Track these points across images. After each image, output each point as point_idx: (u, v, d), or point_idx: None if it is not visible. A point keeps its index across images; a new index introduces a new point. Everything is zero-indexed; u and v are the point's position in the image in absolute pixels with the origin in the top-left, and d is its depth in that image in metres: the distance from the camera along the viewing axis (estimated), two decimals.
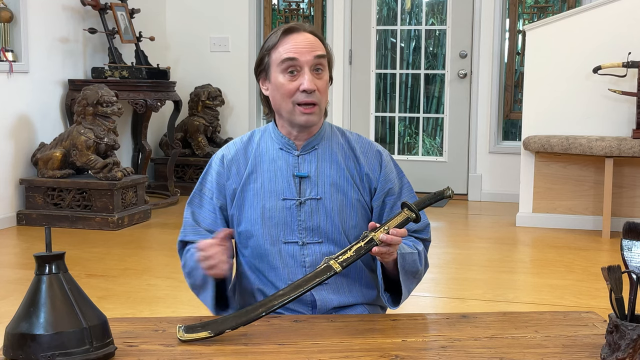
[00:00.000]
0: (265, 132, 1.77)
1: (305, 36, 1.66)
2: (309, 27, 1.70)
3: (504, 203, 5.79)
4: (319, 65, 1.66)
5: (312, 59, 1.64)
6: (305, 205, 1.69)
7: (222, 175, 1.74)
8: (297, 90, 1.64)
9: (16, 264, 3.96)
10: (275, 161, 1.72)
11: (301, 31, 1.67)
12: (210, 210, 1.74)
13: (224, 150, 1.78)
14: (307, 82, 1.63)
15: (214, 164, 1.77)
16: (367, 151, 1.76)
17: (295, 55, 1.63)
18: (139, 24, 5.80)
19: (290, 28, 1.67)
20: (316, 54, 1.65)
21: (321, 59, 1.66)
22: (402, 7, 6.28)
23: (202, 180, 1.78)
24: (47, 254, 1.29)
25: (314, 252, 1.69)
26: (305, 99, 1.64)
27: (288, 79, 1.64)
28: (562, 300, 3.24)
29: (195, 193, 1.77)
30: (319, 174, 1.71)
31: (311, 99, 1.64)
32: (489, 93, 5.96)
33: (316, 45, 1.66)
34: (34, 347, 1.22)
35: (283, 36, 1.66)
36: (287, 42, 1.65)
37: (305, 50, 1.64)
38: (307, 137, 1.72)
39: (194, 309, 3.02)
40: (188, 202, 1.78)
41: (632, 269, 1.33)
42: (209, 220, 1.74)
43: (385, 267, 1.64)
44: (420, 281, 1.74)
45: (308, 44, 1.65)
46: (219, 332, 1.40)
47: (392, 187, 1.75)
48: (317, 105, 1.66)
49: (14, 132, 4.81)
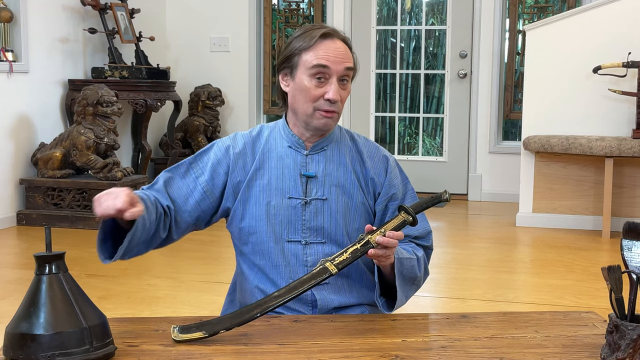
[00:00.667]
0: (275, 128, 1.76)
1: (340, 45, 1.67)
2: (342, 34, 1.71)
3: (504, 203, 5.79)
4: (346, 76, 1.67)
5: (342, 69, 1.65)
6: (311, 205, 1.69)
7: (222, 164, 1.71)
8: (321, 97, 1.64)
9: (16, 264, 3.96)
10: (283, 159, 1.71)
11: (336, 38, 1.67)
12: (189, 186, 1.70)
13: (230, 141, 1.74)
14: (332, 92, 1.64)
15: (216, 149, 1.73)
16: (374, 155, 1.76)
17: (328, 63, 1.64)
18: (139, 24, 5.80)
19: (327, 33, 1.67)
20: (346, 66, 1.66)
21: (349, 71, 1.67)
22: (402, 7, 6.28)
23: (197, 156, 1.74)
24: (47, 254, 1.29)
25: (316, 252, 1.69)
26: (327, 107, 1.65)
27: (315, 84, 1.64)
28: (562, 300, 3.24)
29: (184, 163, 1.73)
30: (326, 174, 1.71)
31: (333, 108, 1.65)
32: (489, 93, 5.96)
33: (347, 56, 1.67)
34: (34, 347, 1.22)
35: (319, 40, 1.65)
36: (321, 48, 1.65)
37: (337, 60, 1.65)
38: (318, 138, 1.72)
39: (194, 309, 3.02)
40: (172, 167, 1.73)
41: (632, 269, 1.33)
42: (181, 193, 1.69)
43: (382, 271, 1.64)
44: (419, 288, 1.74)
45: (340, 54, 1.66)
46: (214, 333, 1.40)
47: (396, 192, 1.75)
48: (336, 113, 1.67)
49: (14, 132, 4.81)
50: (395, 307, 1.66)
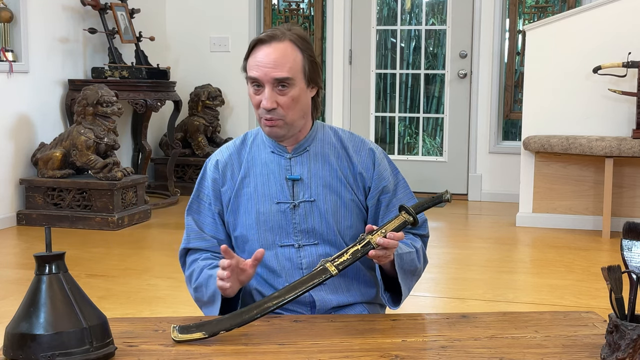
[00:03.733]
0: (257, 135, 1.76)
1: (274, 49, 1.60)
2: (287, 34, 1.62)
3: (504, 203, 5.79)
4: (283, 82, 1.60)
5: (270, 79, 1.60)
6: (299, 207, 1.69)
7: (218, 181, 1.73)
8: (260, 105, 1.63)
9: (16, 264, 3.96)
10: (268, 165, 1.71)
11: (272, 43, 1.60)
12: (210, 216, 1.74)
13: (217, 155, 1.76)
14: (264, 100, 1.60)
15: (208, 170, 1.75)
16: (360, 150, 1.74)
17: (255, 74, 1.60)
18: (139, 24, 5.80)
19: (261, 39, 1.62)
20: (275, 76, 1.59)
21: (283, 80, 1.60)
22: (402, 7, 6.28)
23: (198, 186, 1.77)
24: (47, 254, 1.29)
25: (310, 253, 1.68)
26: (265, 115, 1.63)
27: (254, 92, 1.63)
28: (562, 300, 3.24)
29: (193, 199, 1.76)
30: (311, 176, 1.70)
31: (271, 115, 1.62)
32: (489, 93, 5.96)
33: (281, 62, 1.59)
34: (34, 347, 1.22)
35: (253, 49, 1.63)
36: (253, 56, 1.62)
37: (266, 70, 1.59)
38: (295, 141, 1.71)
39: (194, 309, 3.01)
40: (187, 209, 1.77)
41: (632, 269, 1.33)
42: (210, 227, 1.73)
43: (382, 267, 1.64)
44: (420, 277, 1.74)
45: (270, 61, 1.59)
46: (213, 333, 1.40)
47: (387, 184, 1.73)
48: (280, 120, 1.63)
49: (14, 132, 4.81)
50: (400, 301, 1.66)
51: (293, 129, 1.67)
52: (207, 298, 1.64)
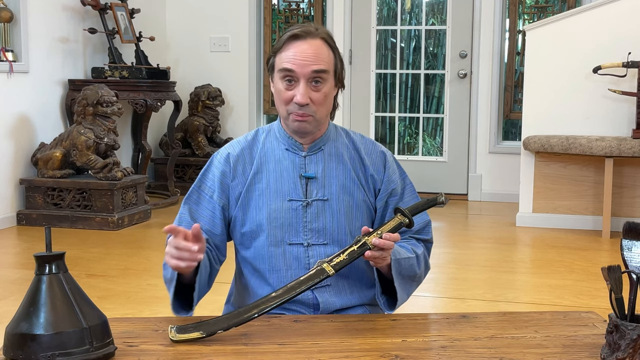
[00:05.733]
0: (270, 131, 1.75)
1: (310, 45, 1.61)
2: (319, 32, 1.64)
3: (504, 203, 5.79)
4: (317, 77, 1.62)
5: (308, 72, 1.60)
6: (312, 206, 1.68)
7: (227, 175, 1.70)
8: (292, 100, 1.62)
9: (16, 264, 3.96)
10: (281, 162, 1.70)
11: (307, 39, 1.62)
12: (209, 208, 1.70)
13: (228, 148, 1.74)
14: (299, 95, 1.60)
15: (217, 162, 1.73)
16: (371, 152, 1.75)
17: (293, 66, 1.60)
18: (139, 24, 5.80)
19: (296, 34, 1.63)
20: (314, 69, 1.60)
21: (319, 73, 1.61)
22: (402, 7, 6.28)
23: (201, 177, 1.74)
24: (47, 254, 1.29)
25: (318, 253, 1.67)
26: (297, 110, 1.62)
27: (285, 87, 1.63)
28: (562, 300, 3.24)
29: (194, 190, 1.74)
30: (325, 174, 1.70)
31: (303, 111, 1.62)
32: (489, 93, 5.96)
33: (319, 56, 1.61)
34: (34, 347, 1.22)
35: (287, 42, 1.63)
36: (288, 50, 1.62)
37: (304, 63, 1.60)
38: (313, 139, 1.71)
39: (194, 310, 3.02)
40: (185, 198, 1.74)
41: (632, 269, 1.33)
42: (207, 219, 1.70)
43: (381, 271, 1.63)
44: (420, 283, 1.74)
45: (309, 56, 1.60)
46: (211, 333, 1.40)
47: (395, 187, 1.74)
48: (310, 116, 1.63)
49: (14, 132, 4.81)
50: (396, 306, 1.66)
51: (319, 125, 1.68)
52: (169, 276, 1.59)
